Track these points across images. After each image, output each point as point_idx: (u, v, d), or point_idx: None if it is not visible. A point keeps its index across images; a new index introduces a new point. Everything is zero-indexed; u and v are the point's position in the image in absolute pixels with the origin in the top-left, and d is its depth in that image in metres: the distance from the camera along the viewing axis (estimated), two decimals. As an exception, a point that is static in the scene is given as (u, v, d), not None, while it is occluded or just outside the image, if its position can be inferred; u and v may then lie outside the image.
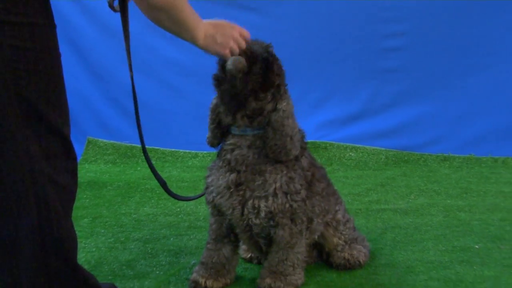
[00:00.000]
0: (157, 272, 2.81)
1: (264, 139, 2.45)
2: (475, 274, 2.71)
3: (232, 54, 2.27)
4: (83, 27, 5.22)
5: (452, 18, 5.00)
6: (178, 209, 3.81)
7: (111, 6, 2.36)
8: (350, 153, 5.13)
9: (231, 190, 2.47)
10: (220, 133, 2.57)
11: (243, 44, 2.29)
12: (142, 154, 5.43)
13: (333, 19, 5.14)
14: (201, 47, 2.19)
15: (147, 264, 2.89)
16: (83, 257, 2.91)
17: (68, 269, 2.00)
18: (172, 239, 3.26)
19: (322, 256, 2.88)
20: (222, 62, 2.36)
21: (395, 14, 5.06)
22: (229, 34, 2.24)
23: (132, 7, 2.26)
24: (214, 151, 5.62)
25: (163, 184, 2.61)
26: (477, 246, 3.07)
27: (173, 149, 5.36)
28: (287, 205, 2.46)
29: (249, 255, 2.93)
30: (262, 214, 2.45)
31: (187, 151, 5.39)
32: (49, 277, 1.96)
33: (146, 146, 5.77)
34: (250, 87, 2.36)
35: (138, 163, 5.17)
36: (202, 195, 2.66)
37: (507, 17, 4.93)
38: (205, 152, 5.31)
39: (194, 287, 2.58)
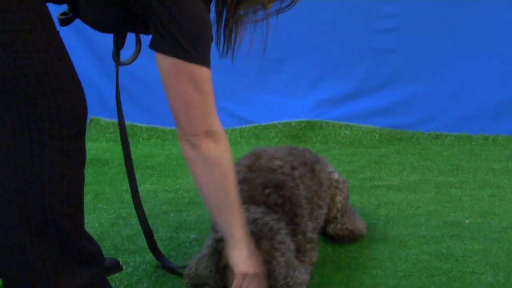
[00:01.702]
0: (158, 246, 2.83)
1: None
2: (465, 248, 2.77)
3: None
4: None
5: (443, 0, 5.02)
6: (178, 186, 3.85)
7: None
8: (345, 131, 5.16)
9: None
10: None
11: None
12: (143, 133, 5.41)
13: (328, 1, 5.15)
14: (238, 241, 2.06)
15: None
16: (86, 232, 2.95)
17: (52, 230, 1.97)
18: (172, 214, 3.31)
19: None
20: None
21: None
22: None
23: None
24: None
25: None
26: (467, 221, 3.12)
27: (173, 128, 5.19)
28: None
29: None
30: None
31: (185, 129, 5.38)
32: (32, 236, 1.94)
33: (148, 125, 5.78)
34: None
35: (139, 142, 5.19)
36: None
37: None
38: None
39: None
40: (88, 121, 5.24)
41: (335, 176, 2.88)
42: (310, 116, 5.20)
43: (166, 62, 1.88)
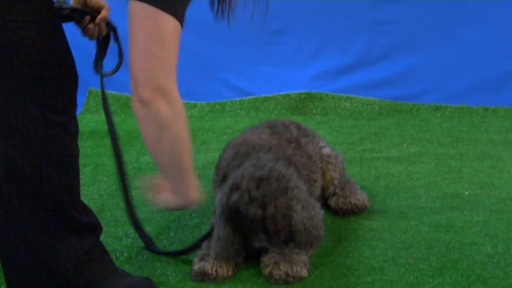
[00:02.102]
0: (158, 218, 2.88)
1: None
2: (464, 219, 2.78)
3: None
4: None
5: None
6: (177, 158, 3.84)
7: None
8: (345, 103, 5.13)
9: None
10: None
11: None
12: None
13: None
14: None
15: (148, 210, 2.93)
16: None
17: (50, 202, 1.96)
18: (171, 186, 3.31)
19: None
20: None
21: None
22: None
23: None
24: (212, 101, 5.60)
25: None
26: (467, 193, 3.13)
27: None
28: None
29: None
30: None
31: (186, 101, 5.33)
32: (30, 209, 1.93)
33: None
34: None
35: (137, 113, 5.14)
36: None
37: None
38: (203, 102, 5.30)
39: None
40: (87, 93, 5.25)
41: (327, 150, 2.86)
42: (310, 88, 5.18)
43: (135, 7, 1.86)
